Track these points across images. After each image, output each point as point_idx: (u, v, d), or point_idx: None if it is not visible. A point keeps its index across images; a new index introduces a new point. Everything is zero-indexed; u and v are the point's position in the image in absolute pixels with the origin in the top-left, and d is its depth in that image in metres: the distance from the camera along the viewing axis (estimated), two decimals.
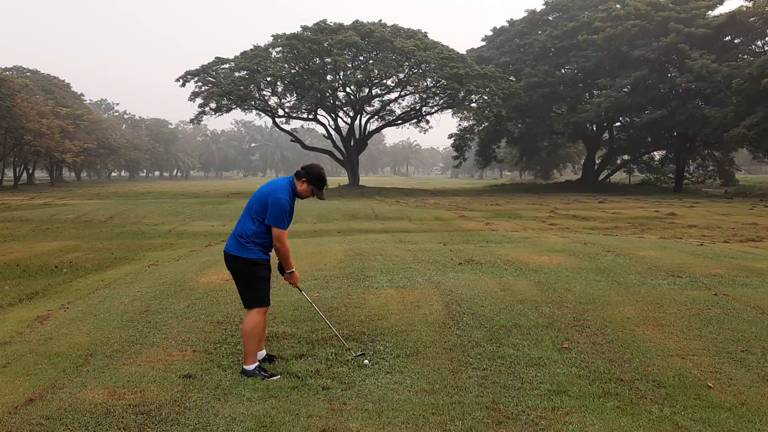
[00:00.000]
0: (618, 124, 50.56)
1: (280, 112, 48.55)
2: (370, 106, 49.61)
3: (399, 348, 4.82)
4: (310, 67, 44.16)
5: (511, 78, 47.24)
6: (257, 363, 4.37)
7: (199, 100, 44.05)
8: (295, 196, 4.47)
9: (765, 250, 10.56)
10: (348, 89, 46.83)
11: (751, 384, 4.09)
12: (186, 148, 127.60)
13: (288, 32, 44.45)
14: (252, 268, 4.37)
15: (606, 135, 52.29)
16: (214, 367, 4.44)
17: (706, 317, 5.57)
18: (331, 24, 44.76)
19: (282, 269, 4.54)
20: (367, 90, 47.01)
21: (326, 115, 49.26)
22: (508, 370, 4.34)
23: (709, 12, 41.73)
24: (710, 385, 4.07)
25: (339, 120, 50.09)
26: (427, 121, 51.10)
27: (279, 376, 4.26)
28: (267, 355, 4.63)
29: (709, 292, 6.50)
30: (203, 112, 44.81)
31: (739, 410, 3.70)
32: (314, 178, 4.42)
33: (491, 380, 4.16)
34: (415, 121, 50.85)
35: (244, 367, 4.32)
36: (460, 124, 52.61)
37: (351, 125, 49.96)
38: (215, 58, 45.27)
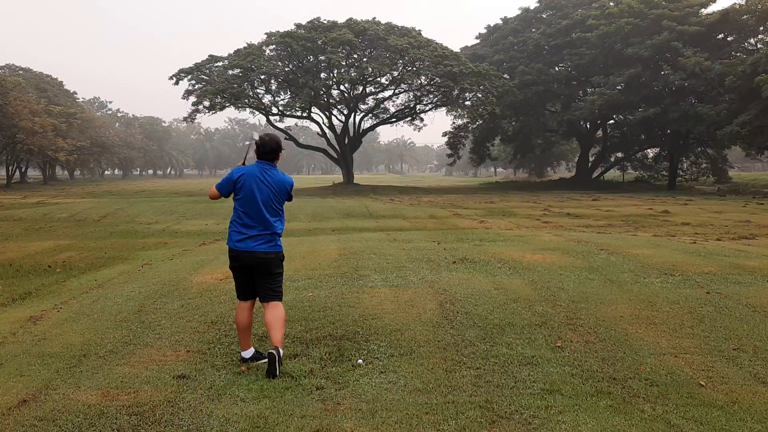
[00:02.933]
0: (612, 121, 50.74)
1: (274, 110, 48.47)
2: (364, 104, 49.62)
3: (393, 347, 4.83)
4: (304, 65, 44.11)
5: (505, 76, 47.29)
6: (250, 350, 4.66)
7: (192, 99, 43.93)
8: (262, 171, 4.59)
9: (758, 248, 10.61)
10: (342, 87, 46.81)
11: (743, 382, 4.12)
12: (180, 146, 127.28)
13: (282, 30, 44.40)
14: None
15: (600, 133, 52.46)
16: (207, 368, 4.44)
17: (698, 315, 5.59)
18: (325, 22, 44.73)
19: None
20: (361, 88, 46.97)
21: (320, 113, 49.25)
22: (501, 369, 4.36)
23: (702, 10, 41.91)
24: (702, 383, 4.09)
25: (333, 118, 50.09)
26: (422, 119, 51.20)
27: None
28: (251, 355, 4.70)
29: (702, 290, 6.53)
30: (197, 111, 44.68)
31: (731, 408, 3.72)
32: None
33: (485, 379, 4.17)
34: (409, 119, 50.92)
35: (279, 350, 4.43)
36: (454, 122, 52.70)
37: (345, 123, 49.92)
38: (209, 56, 45.19)
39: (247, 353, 4.60)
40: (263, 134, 4.70)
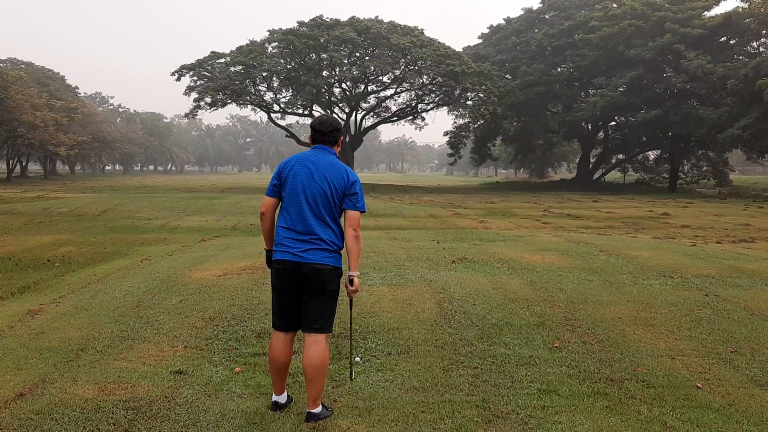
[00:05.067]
0: (613, 123, 50.72)
1: (276, 107, 48.41)
2: (365, 102, 49.59)
3: (390, 346, 4.83)
4: (305, 62, 44.05)
5: (507, 76, 47.26)
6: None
7: (194, 95, 43.85)
8: (316, 157, 3.61)
9: (757, 251, 10.61)
10: (344, 85, 46.79)
11: (740, 385, 4.12)
12: (181, 142, 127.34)
13: (284, 27, 44.37)
14: None
15: (601, 134, 52.43)
16: (205, 363, 4.44)
17: (696, 318, 5.59)
18: (328, 20, 44.67)
19: None
20: (362, 86, 46.94)
21: (322, 111, 49.20)
22: (498, 369, 4.36)
23: (705, 13, 41.87)
24: (699, 385, 4.09)
25: (335, 116, 50.02)
26: (423, 119, 51.24)
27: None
28: (288, 397, 3.78)
29: (700, 292, 6.53)
30: (198, 107, 44.61)
31: (727, 411, 3.72)
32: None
33: (482, 379, 4.17)
34: (410, 118, 50.92)
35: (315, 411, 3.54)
36: (455, 122, 52.65)
37: (346, 121, 49.87)
38: (211, 52, 45.13)
39: (281, 398, 3.68)
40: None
